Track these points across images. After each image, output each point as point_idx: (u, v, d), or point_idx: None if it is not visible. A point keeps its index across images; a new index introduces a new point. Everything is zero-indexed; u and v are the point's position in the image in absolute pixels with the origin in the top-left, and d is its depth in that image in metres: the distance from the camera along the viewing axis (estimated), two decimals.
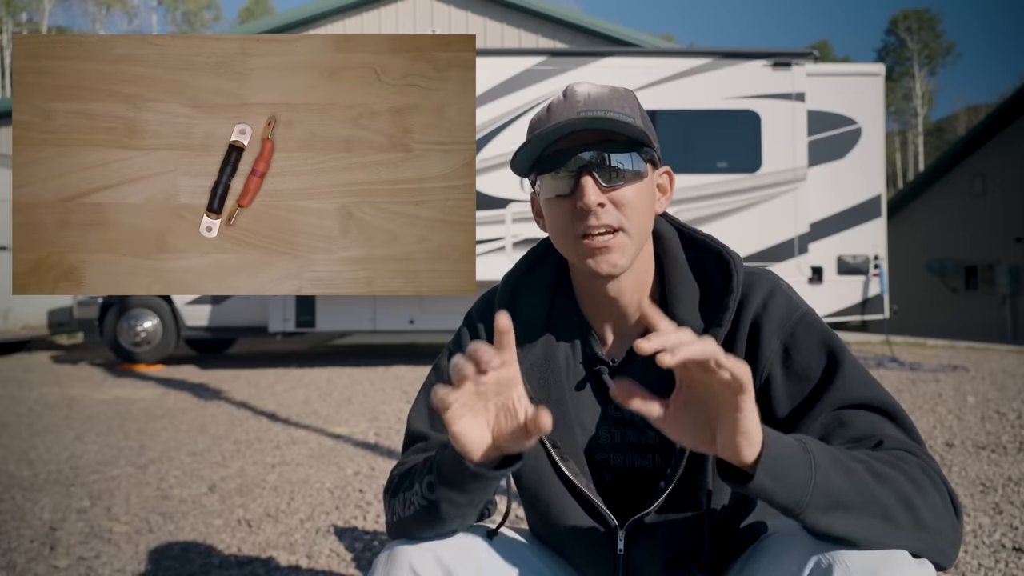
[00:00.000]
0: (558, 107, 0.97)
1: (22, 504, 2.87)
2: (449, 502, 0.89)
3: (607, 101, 0.97)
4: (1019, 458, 3.34)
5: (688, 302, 1.00)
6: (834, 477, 0.77)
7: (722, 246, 1.03)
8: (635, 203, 0.96)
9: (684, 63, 7.09)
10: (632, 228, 0.96)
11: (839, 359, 0.93)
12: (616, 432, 1.03)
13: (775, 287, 0.99)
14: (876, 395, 0.91)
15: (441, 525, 0.93)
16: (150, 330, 7.73)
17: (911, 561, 0.79)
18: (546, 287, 1.08)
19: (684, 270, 1.03)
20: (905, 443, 0.88)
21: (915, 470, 0.83)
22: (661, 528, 1.00)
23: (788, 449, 0.77)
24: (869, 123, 7.59)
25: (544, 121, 0.98)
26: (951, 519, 0.84)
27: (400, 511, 0.95)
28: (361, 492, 3.00)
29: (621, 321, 1.04)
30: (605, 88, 0.99)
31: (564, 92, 0.99)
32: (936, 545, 0.82)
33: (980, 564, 2.14)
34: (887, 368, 6.69)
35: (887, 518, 0.79)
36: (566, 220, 0.96)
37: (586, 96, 0.97)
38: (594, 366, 1.04)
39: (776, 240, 6.94)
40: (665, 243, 1.05)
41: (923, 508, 0.81)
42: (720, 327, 0.97)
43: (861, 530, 0.79)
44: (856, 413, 0.90)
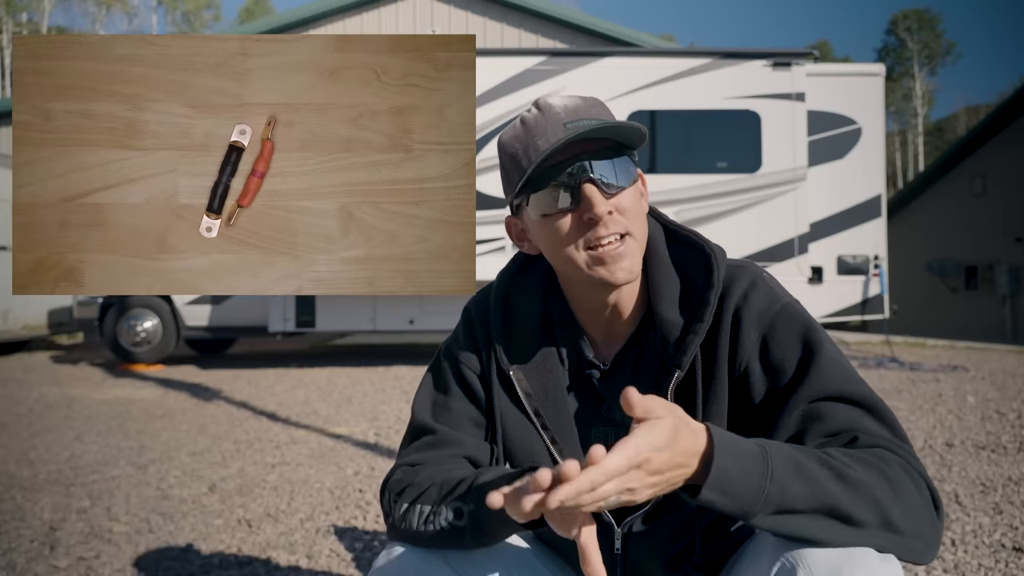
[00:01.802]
0: (536, 123, 0.95)
1: (22, 504, 2.87)
2: (475, 539, 0.91)
3: (585, 110, 0.96)
4: (1019, 458, 3.34)
5: (671, 299, 1.01)
6: (792, 487, 0.77)
7: (704, 241, 1.03)
8: (634, 207, 0.96)
9: (684, 63, 7.09)
10: (637, 232, 0.96)
11: (816, 350, 0.92)
12: (610, 433, 1.03)
13: (756, 278, 0.99)
14: (855, 388, 0.90)
15: (458, 548, 0.94)
16: (150, 330, 7.73)
17: (875, 557, 0.79)
18: (538, 287, 1.08)
19: (667, 267, 1.03)
20: (883, 438, 0.87)
21: (893, 469, 0.82)
22: (657, 528, 1.00)
23: (743, 461, 0.76)
24: (869, 123, 7.59)
25: (524, 139, 0.95)
26: (929, 516, 0.83)
27: (413, 522, 0.95)
28: (361, 492, 3.00)
29: (612, 325, 1.04)
30: (576, 98, 0.97)
31: (537, 106, 0.97)
32: (908, 544, 0.81)
33: (980, 564, 2.14)
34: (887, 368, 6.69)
35: (849, 521, 0.79)
36: (573, 232, 0.94)
37: (563, 108, 0.95)
38: (585, 369, 1.04)
39: (776, 240, 6.94)
40: (649, 241, 1.05)
41: (895, 509, 0.80)
42: (701, 322, 0.97)
43: (817, 531, 0.79)
44: (833, 406, 0.89)
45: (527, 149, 0.94)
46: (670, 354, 0.98)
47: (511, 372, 1.04)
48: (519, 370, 1.04)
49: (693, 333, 0.97)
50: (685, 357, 0.97)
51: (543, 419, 1.03)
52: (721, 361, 0.97)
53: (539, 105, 0.97)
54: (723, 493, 0.75)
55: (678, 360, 0.97)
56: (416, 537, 0.95)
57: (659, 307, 1.00)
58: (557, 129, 0.93)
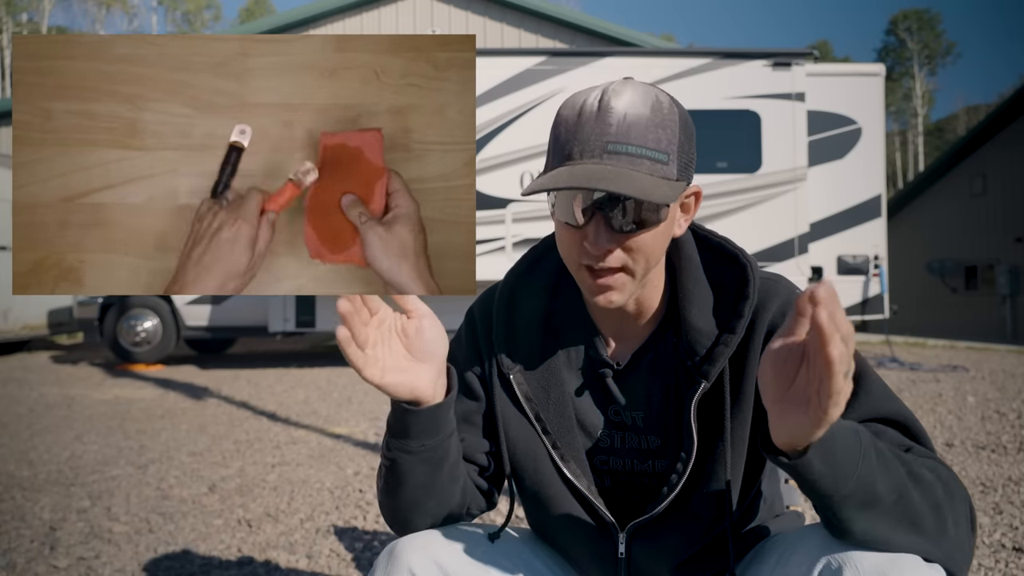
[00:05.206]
0: (587, 122, 0.86)
1: (22, 504, 2.87)
2: (402, 451, 0.92)
3: (641, 130, 0.85)
4: (1019, 458, 3.34)
5: (701, 306, 0.97)
6: (878, 472, 0.75)
7: (739, 250, 0.99)
8: (646, 248, 0.90)
9: (684, 63, 7.09)
10: (638, 270, 0.91)
11: (862, 373, 0.89)
12: (616, 436, 1.02)
13: (792, 296, 0.95)
14: (899, 410, 0.89)
15: (404, 483, 0.95)
16: (150, 330, 7.74)
17: (922, 565, 0.78)
18: (545, 288, 1.06)
19: (698, 272, 0.99)
20: (930, 455, 0.87)
21: (949, 479, 0.82)
22: (665, 532, 0.99)
23: (844, 432, 0.73)
24: (869, 123, 7.59)
25: (571, 131, 0.87)
26: (968, 531, 0.83)
27: (379, 485, 0.99)
28: (361, 492, 3.00)
29: (627, 324, 1.01)
30: (646, 107, 0.86)
31: (601, 99, 0.87)
32: (952, 555, 0.81)
33: (980, 564, 2.14)
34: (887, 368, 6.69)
35: (913, 523, 0.78)
36: (573, 247, 0.92)
37: (620, 119, 0.85)
38: (598, 368, 1.02)
39: (776, 240, 6.94)
40: (680, 244, 1.01)
41: (950, 518, 0.80)
42: (733, 334, 0.93)
43: (882, 533, 0.77)
44: (879, 427, 0.87)
45: (564, 148, 0.88)
46: (696, 364, 0.95)
47: (511, 375, 1.02)
48: (520, 373, 1.03)
49: (723, 345, 0.94)
50: (713, 369, 0.93)
51: (543, 423, 1.02)
52: (750, 376, 0.93)
53: (603, 99, 0.87)
54: (826, 462, 0.72)
55: (704, 371, 0.94)
56: (383, 499, 0.99)
57: (688, 313, 0.97)
58: (596, 146, 0.85)
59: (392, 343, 0.88)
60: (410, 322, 0.89)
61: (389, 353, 0.87)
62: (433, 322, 0.90)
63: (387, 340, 0.88)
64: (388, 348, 0.88)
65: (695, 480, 0.96)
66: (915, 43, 43.00)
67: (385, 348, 0.87)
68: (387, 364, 0.87)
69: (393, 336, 0.89)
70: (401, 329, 0.89)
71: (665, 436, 0.99)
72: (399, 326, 0.89)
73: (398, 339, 0.89)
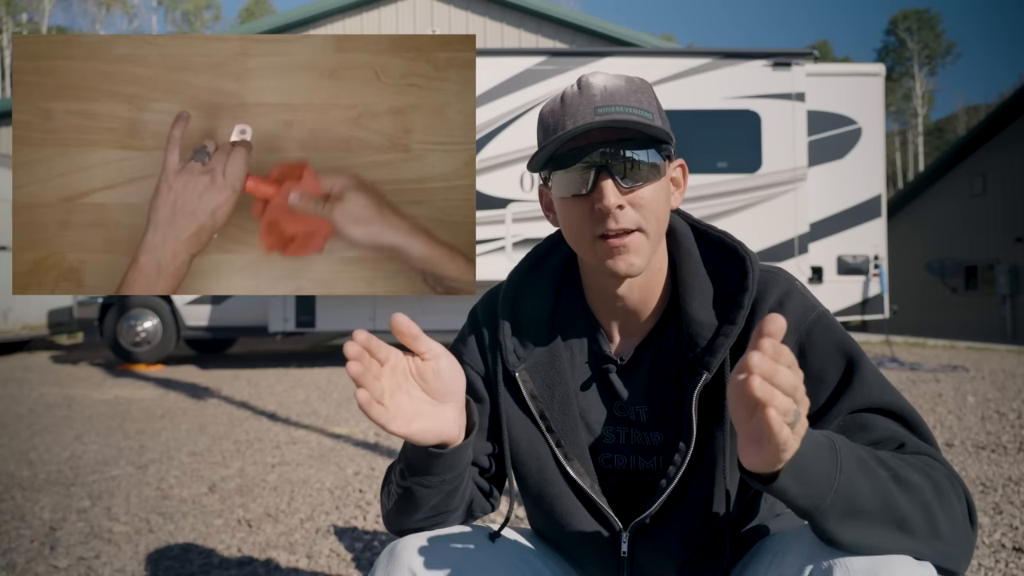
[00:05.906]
0: (572, 101, 0.93)
1: (22, 504, 2.87)
2: (420, 484, 0.93)
3: (624, 95, 0.92)
4: (1019, 458, 3.34)
5: (702, 298, 0.98)
6: (858, 482, 0.75)
7: (738, 243, 1.00)
8: (653, 203, 0.93)
9: (684, 63, 7.09)
10: (650, 228, 0.93)
11: (857, 362, 0.91)
12: (621, 432, 1.02)
13: (791, 287, 0.97)
14: (894, 400, 0.89)
15: (418, 509, 0.96)
16: (150, 330, 7.74)
17: (912, 563, 0.78)
18: (549, 287, 1.07)
19: (698, 266, 1.01)
20: (925, 449, 0.87)
21: (940, 477, 0.82)
22: (667, 531, 0.99)
23: (816, 448, 0.73)
24: (869, 123, 7.60)
25: (558, 114, 0.93)
26: (966, 528, 0.83)
27: (386, 503, 1.00)
28: (361, 492, 3.00)
29: (630, 319, 1.02)
30: (620, 79, 0.95)
31: (578, 83, 0.94)
32: (949, 554, 0.81)
33: (980, 564, 2.14)
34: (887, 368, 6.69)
35: (902, 527, 0.77)
36: (583, 220, 0.93)
37: (602, 89, 0.92)
38: (601, 364, 1.02)
39: (776, 240, 6.94)
40: (679, 238, 1.03)
41: (942, 517, 0.79)
42: (732, 324, 0.94)
43: (873, 539, 0.77)
44: (874, 417, 0.88)
45: (556, 127, 0.93)
46: (697, 355, 0.96)
47: (516, 373, 1.03)
48: (525, 371, 1.03)
49: (724, 336, 0.95)
50: (714, 360, 0.94)
51: (548, 421, 1.02)
52: None
53: (580, 83, 0.94)
54: (800, 482, 0.72)
55: (705, 362, 0.95)
56: (392, 517, 0.99)
57: (688, 306, 0.98)
58: (587, 112, 0.91)
59: (411, 389, 0.86)
60: (426, 364, 0.87)
61: (410, 400, 0.85)
62: (449, 361, 0.89)
63: (404, 386, 0.85)
64: (408, 395, 0.85)
65: (694, 473, 0.96)
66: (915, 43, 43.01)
67: (404, 395, 0.85)
68: (410, 412, 0.84)
69: (410, 380, 0.86)
70: (418, 373, 0.87)
71: (667, 431, 1.00)
72: (414, 369, 0.87)
73: (415, 383, 0.87)
